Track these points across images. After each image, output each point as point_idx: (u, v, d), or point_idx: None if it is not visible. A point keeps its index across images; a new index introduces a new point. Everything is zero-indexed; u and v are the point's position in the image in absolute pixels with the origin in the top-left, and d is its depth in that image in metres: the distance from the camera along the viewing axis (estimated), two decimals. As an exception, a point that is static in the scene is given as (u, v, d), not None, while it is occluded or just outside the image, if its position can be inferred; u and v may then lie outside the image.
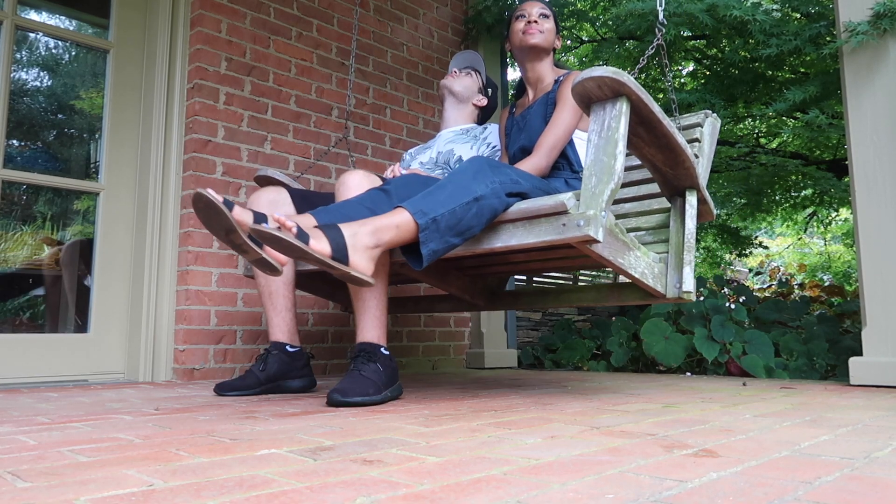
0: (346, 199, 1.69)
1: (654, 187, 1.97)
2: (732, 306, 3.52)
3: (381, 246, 1.44)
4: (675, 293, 1.72)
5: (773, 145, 5.60)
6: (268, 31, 2.90)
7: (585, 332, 4.13)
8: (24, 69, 2.61)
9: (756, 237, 7.05)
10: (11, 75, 2.50)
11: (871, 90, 2.29)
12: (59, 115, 2.71)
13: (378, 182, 1.86)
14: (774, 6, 3.54)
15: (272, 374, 2.01)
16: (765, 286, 7.42)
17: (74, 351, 2.49)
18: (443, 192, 1.53)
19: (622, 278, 2.20)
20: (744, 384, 2.38)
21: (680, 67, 5.32)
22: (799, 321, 3.54)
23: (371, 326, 1.76)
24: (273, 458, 0.96)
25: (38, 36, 2.65)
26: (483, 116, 2.54)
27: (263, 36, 2.88)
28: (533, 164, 1.96)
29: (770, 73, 4.10)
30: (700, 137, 1.98)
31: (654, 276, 1.71)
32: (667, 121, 1.54)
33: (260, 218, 1.43)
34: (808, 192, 5.35)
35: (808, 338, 3.27)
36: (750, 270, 9.42)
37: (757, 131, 5.62)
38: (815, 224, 7.89)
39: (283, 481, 0.82)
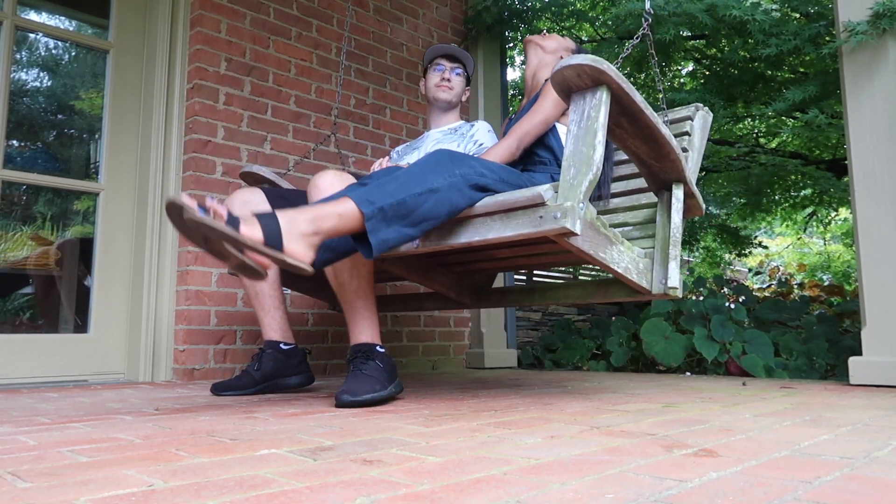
0: (314, 202, 1.60)
1: (643, 182, 1.92)
2: (732, 306, 3.52)
3: (321, 234, 1.39)
4: (661, 289, 1.67)
5: (773, 145, 5.61)
6: (267, 32, 2.90)
7: (585, 331, 4.13)
8: (24, 69, 2.61)
9: (756, 237, 7.06)
10: (11, 76, 2.50)
11: (871, 90, 2.30)
12: (59, 116, 2.71)
13: (351, 181, 1.79)
14: (774, 6, 3.54)
15: (267, 373, 2.01)
16: (764, 286, 7.42)
17: (74, 351, 2.49)
18: (394, 182, 1.49)
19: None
20: (743, 384, 2.38)
21: (679, 67, 5.32)
22: (798, 321, 3.54)
23: (363, 328, 1.75)
24: (273, 458, 0.96)
25: (38, 36, 2.65)
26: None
27: (263, 36, 2.88)
28: (503, 146, 1.91)
29: (769, 72, 4.10)
30: (690, 131, 1.94)
31: (638, 271, 1.66)
32: (650, 111, 1.50)
33: (233, 221, 1.37)
34: (808, 191, 5.35)
35: (808, 337, 3.27)
36: (749, 270, 9.42)
37: (756, 131, 5.62)
38: (814, 224, 7.89)
39: (283, 481, 0.82)
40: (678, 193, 1.71)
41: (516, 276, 4.30)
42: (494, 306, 2.35)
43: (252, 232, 1.28)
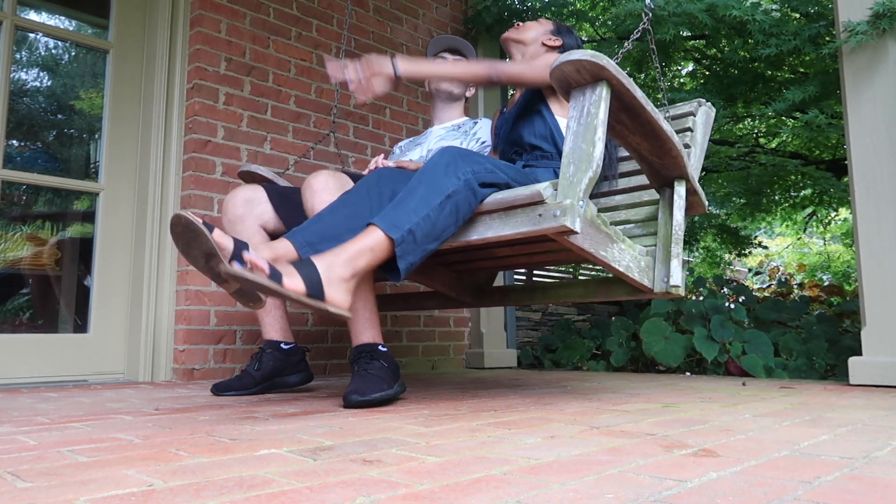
0: (320, 213, 1.58)
1: (644, 178, 1.89)
2: (732, 306, 3.52)
3: (358, 274, 1.38)
4: (663, 287, 1.66)
5: (773, 145, 5.61)
6: (267, 32, 2.90)
7: (585, 332, 4.13)
8: (24, 69, 2.61)
9: (755, 237, 7.05)
10: (11, 75, 2.50)
11: (871, 90, 2.30)
12: (59, 116, 2.71)
13: (347, 181, 1.79)
14: (774, 6, 3.54)
15: (267, 373, 2.01)
16: (764, 286, 7.42)
17: (74, 351, 2.49)
18: (413, 196, 1.46)
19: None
20: (743, 384, 2.38)
21: (679, 67, 5.32)
22: (798, 321, 3.53)
23: (364, 328, 1.74)
24: (273, 459, 0.96)
25: (38, 36, 2.65)
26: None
27: (263, 36, 2.88)
28: (476, 66, 1.81)
29: (769, 72, 4.10)
30: (693, 126, 1.92)
31: (640, 269, 1.65)
32: (651, 107, 1.49)
33: (241, 245, 1.37)
34: (808, 191, 5.35)
35: (808, 337, 3.27)
36: (749, 270, 9.42)
37: (756, 131, 5.62)
38: (814, 224, 7.89)
39: (283, 481, 0.82)
40: (680, 190, 1.70)
41: (516, 276, 4.29)
42: (495, 305, 2.35)
43: (294, 284, 1.26)
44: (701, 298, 3.57)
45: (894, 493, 0.76)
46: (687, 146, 1.91)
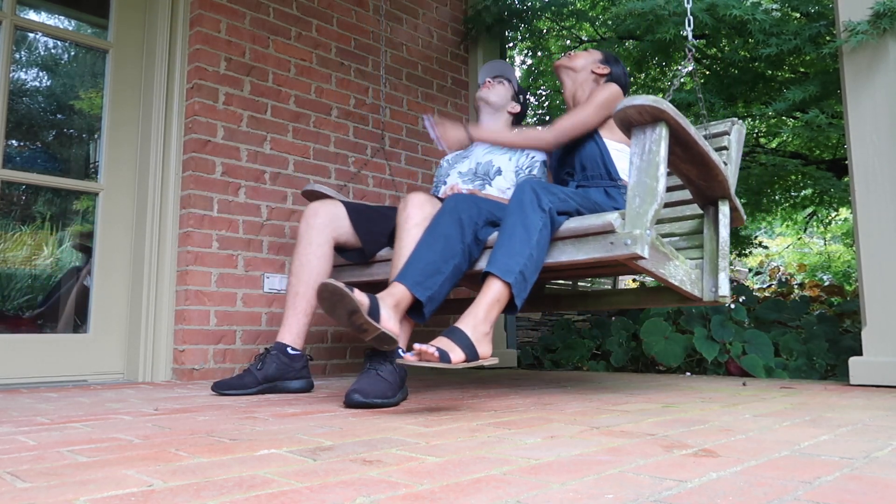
0: (417, 251, 1.73)
1: (687, 193, 2.08)
2: (732, 306, 3.51)
3: (493, 323, 1.59)
4: (712, 297, 1.86)
5: (773, 145, 5.60)
6: (267, 31, 2.90)
7: (585, 332, 4.13)
8: (24, 69, 2.61)
9: (756, 237, 7.05)
10: (11, 75, 2.50)
11: (871, 90, 2.29)
12: (59, 116, 2.71)
13: (438, 204, 1.94)
14: (774, 6, 3.54)
15: (270, 375, 2.01)
16: (764, 286, 7.42)
17: (74, 351, 2.49)
18: (514, 239, 1.64)
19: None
20: (743, 384, 2.38)
21: (680, 67, 5.31)
22: (798, 321, 3.53)
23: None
24: (273, 459, 0.96)
25: (38, 36, 2.65)
26: (516, 122, 2.61)
27: (263, 36, 2.88)
28: (542, 135, 2.08)
29: (770, 72, 4.10)
30: (728, 145, 2.12)
31: (691, 282, 1.84)
32: (702, 141, 1.68)
33: (375, 302, 1.59)
34: (808, 191, 5.35)
35: (808, 338, 3.26)
36: (750, 270, 9.42)
37: (756, 131, 5.62)
38: (814, 224, 7.89)
39: (282, 481, 0.82)
40: (724, 209, 1.90)
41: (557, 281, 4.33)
42: (548, 310, 2.50)
43: (457, 357, 1.49)
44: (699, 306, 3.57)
45: (894, 493, 0.76)
46: (724, 163, 2.09)
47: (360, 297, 1.55)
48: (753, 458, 0.96)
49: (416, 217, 1.89)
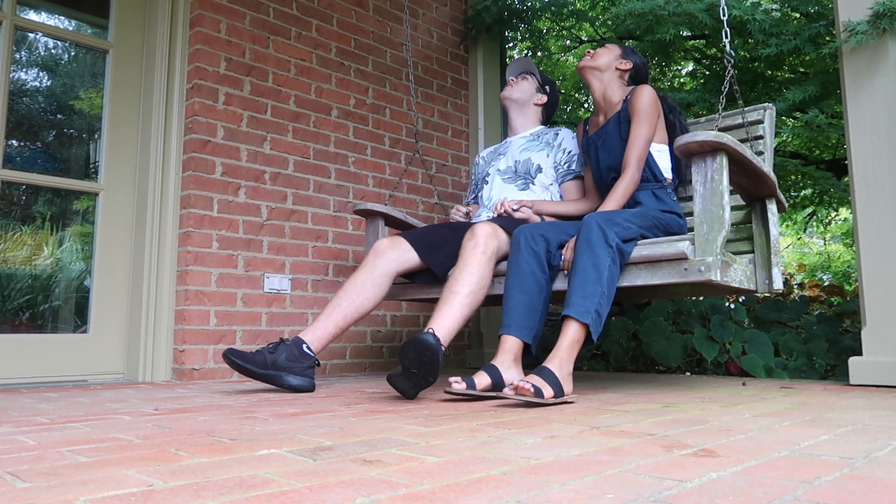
0: (510, 299, 1.94)
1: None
2: (732, 306, 3.51)
3: (573, 360, 1.76)
4: (766, 288, 2.00)
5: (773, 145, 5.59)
6: (267, 32, 2.90)
7: (585, 331, 4.12)
8: (24, 69, 2.61)
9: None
10: (11, 75, 2.50)
11: (871, 90, 2.29)
12: (59, 116, 2.71)
13: (501, 233, 2.11)
14: (774, 6, 3.54)
15: (278, 363, 2.01)
16: (764, 286, 7.40)
17: (74, 351, 2.49)
18: (586, 278, 1.79)
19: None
20: (743, 384, 2.38)
21: (679, 67, 5.32)
22: (798, 321, 3.53)
23: (448, 335, 1.92)
24: (273, 458, 0.96)
25: (38, 36, 2.65)
26: (547, 113, 2.68)
27: (263, 36, 2.88)
28: (629, 179, 2.14)
29: (769, 72, 4.10)
30: (763, 133, 2.21)
31: (747, 278, 1.98)
32: (756, 160, 1.83)
33: (496, 375, 1.84)
34: (808, 191, 5.34)
35: (808, 338, 3.26)
36: (749, 270, 9.40)
37: (756, 131, 5.62)
38: (814, 224, 7.89)
39: (282, 481, 0.82)
40: (772, 208, 2.03)
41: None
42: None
43: (549, 393, 1.65)
44: (701, 298, 3.57)
45: (894, 493, 0.76)
46: (760, 153, 2.21)
47: (483, 385, 1.79)
48: (753, 458, 0.96)
49: (482, 245, 2.06)
